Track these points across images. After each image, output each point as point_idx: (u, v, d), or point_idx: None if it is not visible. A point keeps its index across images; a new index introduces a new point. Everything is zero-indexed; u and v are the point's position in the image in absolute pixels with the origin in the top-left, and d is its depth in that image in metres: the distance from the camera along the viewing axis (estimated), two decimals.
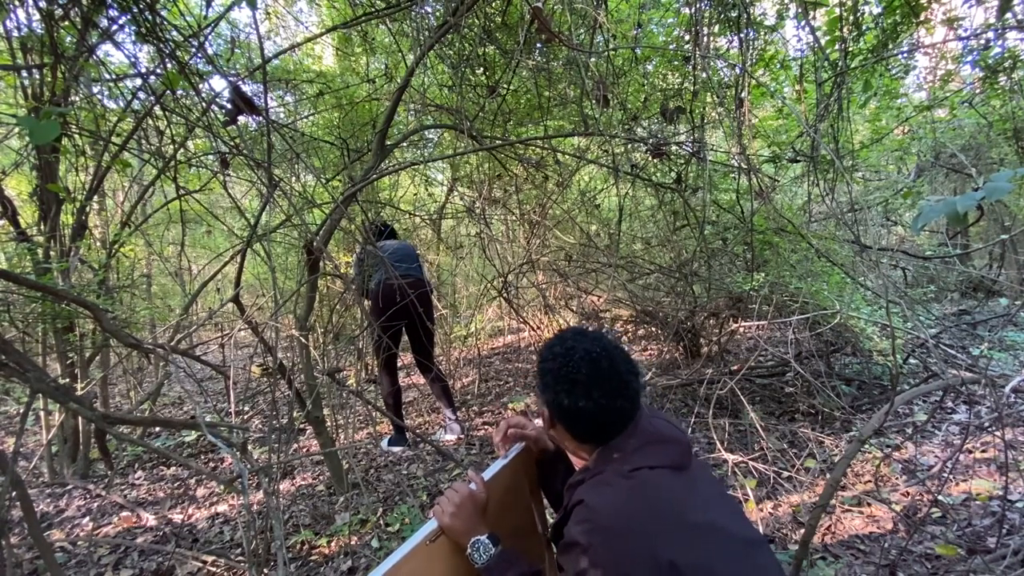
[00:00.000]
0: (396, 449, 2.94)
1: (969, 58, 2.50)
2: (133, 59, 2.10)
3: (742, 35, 2.16)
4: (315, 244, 2.01)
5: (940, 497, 1.91)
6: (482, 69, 2.77)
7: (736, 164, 2.40)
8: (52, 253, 2.34)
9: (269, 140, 1.59)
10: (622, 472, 0.82)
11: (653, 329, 3.70)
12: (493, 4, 2.54)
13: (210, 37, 2.70)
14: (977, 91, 3.14)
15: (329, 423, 2.62)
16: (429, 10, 2.59)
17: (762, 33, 2.49)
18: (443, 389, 3.05)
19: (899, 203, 3.81)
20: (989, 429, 2.34)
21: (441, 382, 3.05)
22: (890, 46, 2.25)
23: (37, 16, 2.15)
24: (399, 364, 3.16)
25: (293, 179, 3.23)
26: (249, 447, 2.94)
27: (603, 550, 0.75)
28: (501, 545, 0.92)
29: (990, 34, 2.27)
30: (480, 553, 0.90)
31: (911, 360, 2.98)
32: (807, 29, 2.13)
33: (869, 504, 1.96)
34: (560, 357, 0.88)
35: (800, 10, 2.11)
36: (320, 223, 2.52)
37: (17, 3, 2.05)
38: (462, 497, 0.95)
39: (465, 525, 0.92)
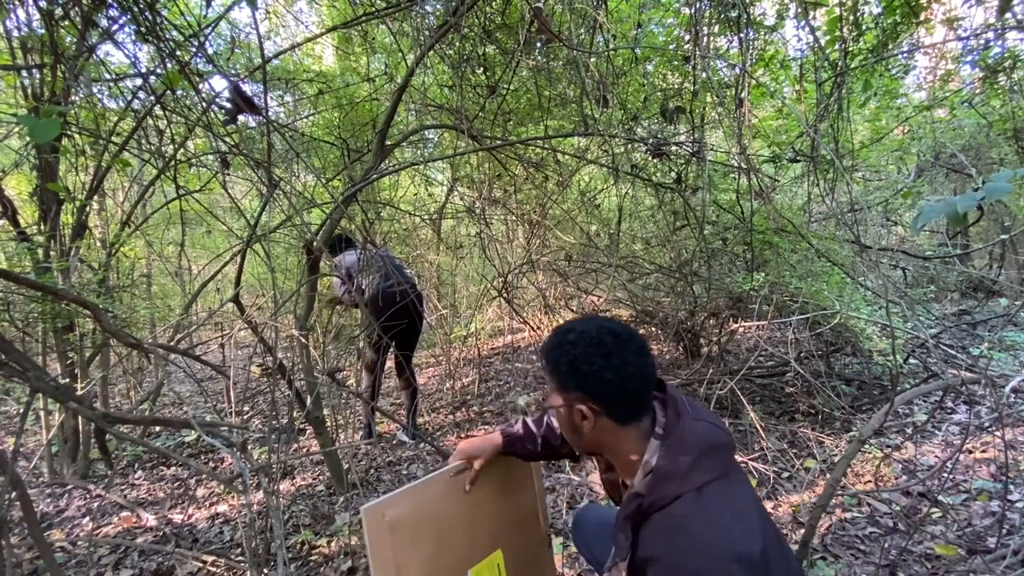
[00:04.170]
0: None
1: (969, 58, 2.50)
2: (133, 59, 2.10)
3: (742, 35, 2.16)
4: (315, 244, 2.01)
5: (940, 497, 1.91)
6: (482, 69, 2.77)
7: (736, 164, 2.40)
8: (52, 253, 2.34)
9: (269, 140, 1.59)
10: (684, 507, 0.77)
11: (653, 329, 3.70)
12: (493, 4, 2.54)
13: (210, 37, 2.70)
14: (977, 91, 3.14)
15: (329, 423, 2.62)
16: (429, 10, 2.58)
17: (762, 33, 2.48)
18: (412, 398, 3.06)
19: (899, 203, 3.81)
20: (989, 429, 2.34)
21: (414, 394, 3.07)
22: (890, 46, 2.24)
23: (37, 16, 2.15)
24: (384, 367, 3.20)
25: (293, 179, 3.22)
26: (249, 447, 2.95)
27: None
28: None
29: (990, 34, 2.28)
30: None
31: (911, 360, 2.97)
32: (807, 29, 2.13)
33: (869, 504, 1.96)
34: (580, 341, 0.84)
35: (800, 10, 2.11)
36: (320, 223, 2.52)
37: (17, 3, 2.05)
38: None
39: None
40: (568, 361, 0.84)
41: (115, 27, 2.05)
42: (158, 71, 1.92)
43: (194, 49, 1.76)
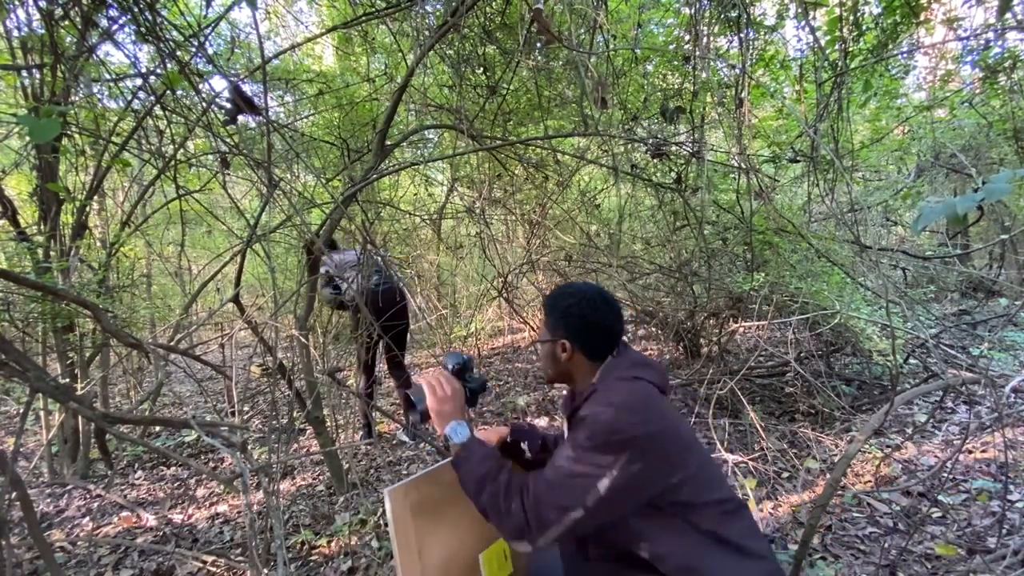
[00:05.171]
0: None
1: (969, 58, 2.50)
2: (133, 59, 2.10)
3: (742, 35, 2.16)
4: (315, 244, 2.01)
5: (940, 497, 1.91)
6: (482, 69, 2.77)
7: (736, 164, 2.40)
8: (52, 253, 2.34)
9: (269, 140, 1.59)
10: (618, 382, 1.03)
11: (653, 329, 3.70)
12: (493, 4, 2.54)
13: (210, 37, 2.70)
14: (977, 91, 3.15)
15: (329, 423, 2.62)
16: (429, 10, 2.58)
17: (762, 33, 2.48)
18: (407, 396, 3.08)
19: (899, 203, 3.81)
20: (989, 429, 2.34)
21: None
22: (890, 46, 2.24)
23: (37, 16, 2.15)
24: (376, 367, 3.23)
25: (293, 179, 3.23)
26: (249, 447, 2.95)
27: (618, 448, 0.92)
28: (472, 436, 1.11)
29: (990, 34, 2.28)
30: (457, 435, 1.08)
31: (911, 360, 2.97)
32: (807, 29, 2.13)
33: (869, 504, 1.96)
34: (576, 294, 1.12)
35: (800, 10, 2.11)
36: (320, 223, 2.52)
37: (17, 3, 2.05)
38: (452, 389, 1.14)
39: (452, 410, 1.12)
40: (563, 307, 1.12)
41: (115, 27, 2.05)
42: (158, 71, 1.92)
43: (194, 49, 1.76)
